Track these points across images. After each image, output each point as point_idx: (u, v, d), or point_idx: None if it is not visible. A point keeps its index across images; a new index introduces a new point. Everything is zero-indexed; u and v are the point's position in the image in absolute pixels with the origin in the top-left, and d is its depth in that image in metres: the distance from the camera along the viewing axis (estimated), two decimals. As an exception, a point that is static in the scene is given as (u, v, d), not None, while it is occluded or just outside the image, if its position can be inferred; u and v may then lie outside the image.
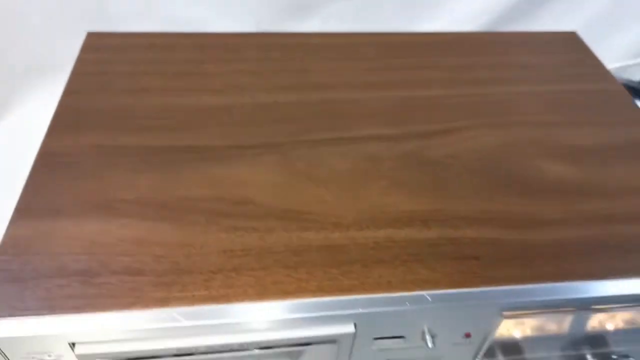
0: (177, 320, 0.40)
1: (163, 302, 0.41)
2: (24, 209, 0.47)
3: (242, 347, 0.42)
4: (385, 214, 0.49)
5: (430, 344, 0.45)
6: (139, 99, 0.59)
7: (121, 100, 0.59)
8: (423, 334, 0.45)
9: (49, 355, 0.41)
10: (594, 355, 0.52)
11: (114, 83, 0.61)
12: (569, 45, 0.74)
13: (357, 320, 0.42)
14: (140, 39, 0.69)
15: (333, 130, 0.57)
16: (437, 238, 0.47)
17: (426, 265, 0.45)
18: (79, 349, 0.40)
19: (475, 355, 0.50)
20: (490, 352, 0.49)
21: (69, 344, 0.40)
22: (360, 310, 0.42)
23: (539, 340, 0.50)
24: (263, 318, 0.41)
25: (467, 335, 0.47)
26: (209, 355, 0.42)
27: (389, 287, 0.43)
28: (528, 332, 0.50)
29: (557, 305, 0.44)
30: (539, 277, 0.45)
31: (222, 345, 0.42)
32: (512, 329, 0.48)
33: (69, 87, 0.60)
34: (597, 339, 0.51)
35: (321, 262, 0.45)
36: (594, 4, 0.97)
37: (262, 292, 0.42)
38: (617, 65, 1.01)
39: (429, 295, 0.43)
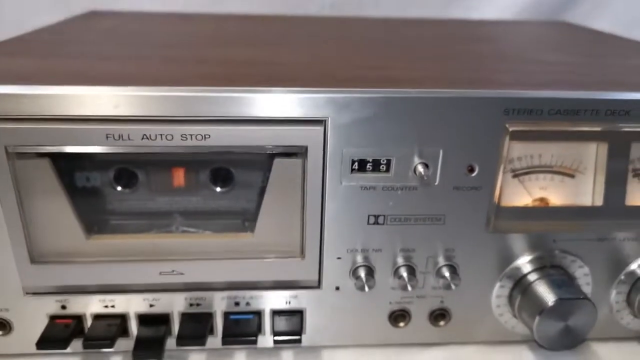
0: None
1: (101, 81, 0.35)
2: None
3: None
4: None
5: (421, 169, 0.37)
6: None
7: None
8: (413, 163, 0.37)
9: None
10: None
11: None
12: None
13: (330, 114, 0.35)
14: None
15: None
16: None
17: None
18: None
19: (488, 221, 0.39)
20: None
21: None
22: (333, 95, 0.35)
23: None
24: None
25: (470, 170, 0.38)
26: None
27: (363, 84, 0.37)
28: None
29: (573, 108, 0.36)
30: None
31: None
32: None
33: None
34: None
35: (289, 77, 0.39)
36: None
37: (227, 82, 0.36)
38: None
39: (413, 91, 0.36)
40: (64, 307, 0.40)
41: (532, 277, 0.41)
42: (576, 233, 0.41)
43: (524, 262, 0.41)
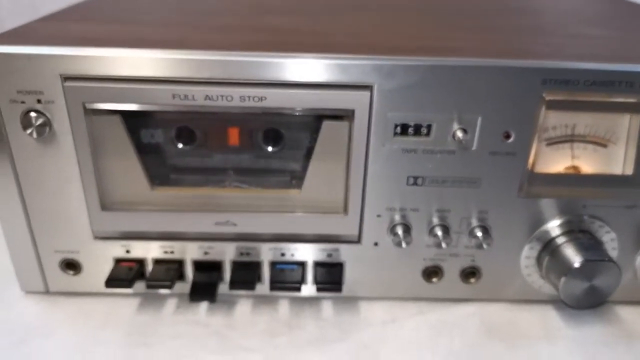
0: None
1: (169, 45, 0.38)
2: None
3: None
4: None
5: (460, 135, 0.39)
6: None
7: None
8: (452, 128, 0.40)
9: (39, 99, 0.38)
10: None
11: None
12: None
13: (376, 80, 0.38)
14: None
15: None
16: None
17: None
18: (69, 83, 0.37)
19: (521, 186, 0.42)
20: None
21: (60, 76, 0.37)
22: (380, 62, 0.37)
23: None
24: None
25: (506, 137, 0.40)
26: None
27: (405, 53, 0.39)
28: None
29: (608, 79, 0.38)
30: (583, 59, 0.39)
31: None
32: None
33: None
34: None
35: (335, 45, 0.42)
36: None
37: (277, 48, 0.39)
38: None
39: (456, 60, 0.38)
40: (128, 252, 0.44)
41: (560, 240, 0.44)
42: (605, 200, 0.43)
43: (554, 226, 0.44)
